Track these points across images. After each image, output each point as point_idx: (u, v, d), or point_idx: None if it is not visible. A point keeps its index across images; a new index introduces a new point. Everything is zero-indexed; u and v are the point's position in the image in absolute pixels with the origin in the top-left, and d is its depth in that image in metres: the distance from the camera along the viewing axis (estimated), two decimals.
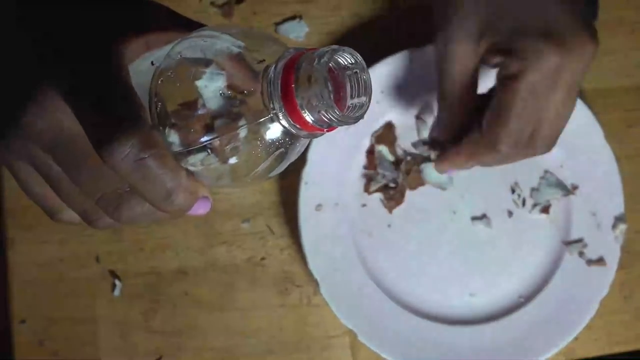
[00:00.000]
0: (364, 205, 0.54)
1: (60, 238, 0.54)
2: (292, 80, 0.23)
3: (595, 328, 0.54)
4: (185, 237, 0.54)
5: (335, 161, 0.53)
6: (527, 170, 0.55)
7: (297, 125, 0.24)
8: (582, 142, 0.54)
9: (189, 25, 0.30)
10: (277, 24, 0.56)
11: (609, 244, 0.54)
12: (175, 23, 0.30)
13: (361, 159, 0.54)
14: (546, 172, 0.55)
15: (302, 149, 0.27)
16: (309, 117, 0.23)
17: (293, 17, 0.57)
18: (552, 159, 0.55)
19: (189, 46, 0.26)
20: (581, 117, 0.55)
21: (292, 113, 0.24)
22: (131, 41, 0.28)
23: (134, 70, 0.28)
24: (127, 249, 0.54)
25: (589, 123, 0.54)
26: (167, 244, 0.54)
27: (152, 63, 0.28)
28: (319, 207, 0.53)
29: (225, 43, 0.26)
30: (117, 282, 0.54)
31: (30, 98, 0.26)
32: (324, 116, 0.23)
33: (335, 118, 0.23)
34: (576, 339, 0.52)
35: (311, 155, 0.52)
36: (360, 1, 0.57)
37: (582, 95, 0.56)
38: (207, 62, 0.26)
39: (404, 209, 0.54)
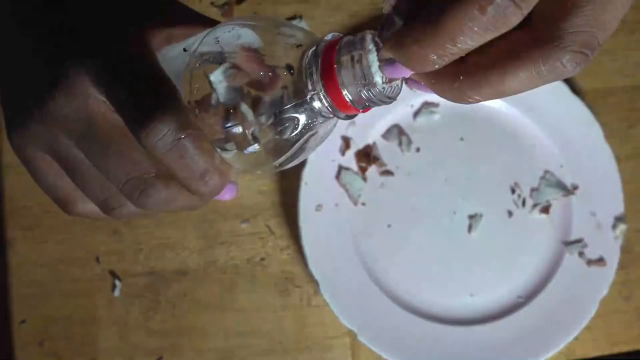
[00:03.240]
0: (364, 205, 0.54)
1: (60, 238, 0.54)
2: (334, 60, 0.24)
3: (595, 328, 0.54)
4: (185, 237, 0.54)
5: (335, 161, 0.53)
6: (527, 171, 0.55)
7: (335, 106, 0.25)
8: (582, 142, 0.55)
9: (208, 22, 0.31)
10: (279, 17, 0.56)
11: (609, 244, 0.54)
12: (196, 19, 0.31)
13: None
14: (546, 172, 0.55)
15: (327, 136, 0.28)
16: (348, 97, 0.24)
17: (293, 17, 0.57)
18: (552, 159, 0.55)
19: (226, 32, 0.27)
20: (581, 117, 0.55)
21: (333, 93, 0.24)
22: (154, 33, 0.29)
23: (162, 58, 0.28)
24: (127, 249, 0.54)
25: (589, 123, 0.55)
26: (167, 245, 0.54)
27: (184, 49, 0.28)
28: (319, 207, 0.53)
29: (261, 30, 0.27)
30: (117, 282, 0.54)
31: (57, 83, 0.26)
32: (364, 95, 0.24)
33: (375, 96, 0.24)
34: (576, 339, 0.52)
35: (311, 156, 0.52)
36: (360, 1, 0.57)
37: (582, 95, 0.56)
38: (243, 48, 0.26)
39: (404, 209, 0.54)
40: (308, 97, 0.25)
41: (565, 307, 0.53)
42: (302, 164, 0.52)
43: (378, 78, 0.24)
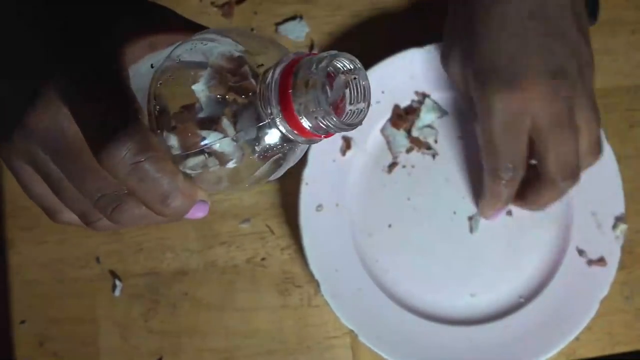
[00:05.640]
0: (364, 205, 0.54)
1: (60, 238, 0.54)
2: (289, 85, 0.23)
3: (596, 328, 0.54)
4: (185, 237, 0.54)
5: (335, 161, 0.53)
6: None
7: (295, 131, 0.24)
8: None
9: (191, 27, 0.30)
10: (278, 24, 0.56)
11: (609, 244, 0.53)
12: (178, 25, 0.30)
13: (361, 159, 0.54)
14: None
15: (302, 154, 0.27)
16: (306, 123, 0.23)
17: (293, 17, 0.57)
18: None
19: (189, 49, 0.26)
20: None
21: (290, 119, 0.23)
22: (135, 42, 0.28)
23: (135, 72, 0.28)
24: (127, 249, 0.54)
25: None
26: (167, 245, 0.54)
27: (151, 66, 0.28)
28: (319, 207, 0.53)
29: (226, 46, 0.26)
30: (117, 282, 0.54)
31: (35, 99, 0.26)
32: (321, 122, 0.23)
33: (332, 124, 0.23)
34: (577, 339, 0.52)
35: (311, 156, 0.52)
36: (360, 1, 0.57)
37: None
38: (205, 66, 0.25)
39: (404, 209, 0.54)
40: (267, 121, 0.24)
41: (566, 307, 0.52)
42: (303, 164, 0.52)
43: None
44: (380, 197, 0.54)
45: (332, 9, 0.57)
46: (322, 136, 0.24)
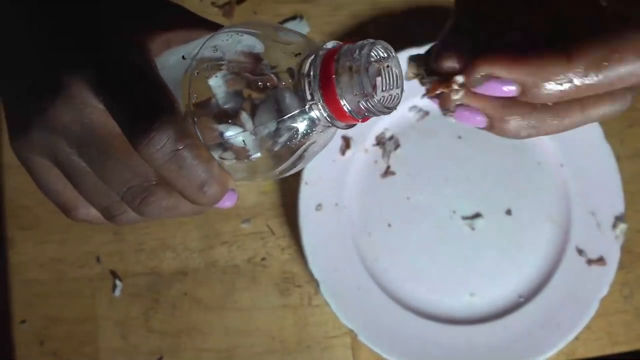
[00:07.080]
0: (363, 205, 0.54)
1: (60, 238, 0.54)
2: (332, 70, 0.24)
3: (595, 328, 0.54)
4: (186, 237, 0.54)
5: (335, 161, 0.53)
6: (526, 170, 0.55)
7: (334, 115, 0.25)
8: (582, 141, 0.55)
9: (207, 25, 0.31)
10: (278, 23, 0.57)
11: (609, 244, 0.54)
12: (194, 22, 0.31)
13: (361, 159, 0.54)
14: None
15: (328, 143, 0.28)
16: (346, 107, 0.24)
17: (294, 17, 0.57)
18: (552, 159, 0.55)
19: (224, 39, 0.27)
20: None
21: (331, 103, 0.24)
22: (154, 38, 0.28)
23: (160, 65, 0.28)
24: (128, 249, 0.54)
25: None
26: (167, 245, 0.54)
27: (183, 57, 0.28)
28: (319, 207, 0.53)
29: (260, 38, 0.27)
30: (117, 282, 0.54)
31: (57, 91, 0.26)
32: (362, 105, 0.24)
33: (373, 107, 0.24)
34: (577, 338, 0.52)
35: None
36: (360, 1, 0.57)
37: None
38: (242, 56, 0.26)
39: (404, 208, 0.54)
40: (307, 106, 0.25)
41: (565, 306, 0.53)
42: None
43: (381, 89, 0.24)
44: (380, 197, 0.54)
45: (332, 9, 0.57)
46: (360, 120, 0.25)
